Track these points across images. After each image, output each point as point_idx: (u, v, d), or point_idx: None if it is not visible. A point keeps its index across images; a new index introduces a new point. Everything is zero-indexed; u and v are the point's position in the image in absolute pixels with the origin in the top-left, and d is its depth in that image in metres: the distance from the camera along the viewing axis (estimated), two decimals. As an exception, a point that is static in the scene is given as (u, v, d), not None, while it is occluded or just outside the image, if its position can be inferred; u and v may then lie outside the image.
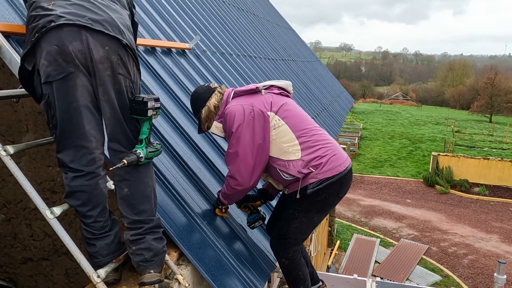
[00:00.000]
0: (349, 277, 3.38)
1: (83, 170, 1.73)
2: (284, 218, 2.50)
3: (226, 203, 2.53)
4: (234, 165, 2.33)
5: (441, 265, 12.85)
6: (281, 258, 2.57)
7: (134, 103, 1.79)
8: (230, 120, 2.32)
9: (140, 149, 1.80)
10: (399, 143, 28.72)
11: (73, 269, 3.77)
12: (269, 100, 2.39)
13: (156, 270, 1.84)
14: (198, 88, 2.57)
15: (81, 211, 1.77)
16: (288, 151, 2.32)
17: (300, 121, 2.40)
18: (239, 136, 2.29)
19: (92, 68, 1.67)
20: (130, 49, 1.78)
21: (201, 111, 2.48)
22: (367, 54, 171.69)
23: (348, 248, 13.51)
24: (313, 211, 2.45)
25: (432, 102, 60.17)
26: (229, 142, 2.34)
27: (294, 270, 2.60)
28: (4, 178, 3.73)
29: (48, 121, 1.74)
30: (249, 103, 2.34)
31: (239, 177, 2.33)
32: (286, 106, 2.40)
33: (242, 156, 2.30)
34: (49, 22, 1.60)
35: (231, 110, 2.33)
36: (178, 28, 4.41)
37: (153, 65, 3.26)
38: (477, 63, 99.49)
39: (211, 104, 2.46)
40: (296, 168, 2.31)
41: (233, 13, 7.71)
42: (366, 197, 18.74)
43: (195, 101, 2.53)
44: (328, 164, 2.33)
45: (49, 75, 1.63)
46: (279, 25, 11.97)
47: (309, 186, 2.32)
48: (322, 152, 2.34)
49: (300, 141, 2.33)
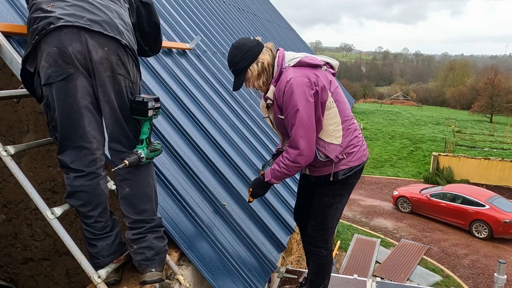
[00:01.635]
0: (350, 277, 3.37)
1: (84, 170, 1.74)
2: (319, 207, 2.50)
3: (278, 183, 2.51)
4: (305, 141, 2.21)
5: (441, 265, 12.84)
6: (321, 249, 2.57)
7: (134, 103, 1.79)
8: (297, 93, 2.17)
9: (141, 149, 1.81)
10: (400, 143, 28.68)
11: (73, 269, 3.77)
12: (329, 78, 2.33)
13: (158, 269, 1.85)
14: (246, 41, 2.32)
15: (82, 211, 1.77)
16: (331, 134, 2.31)
17: (346, 107, 2.39)
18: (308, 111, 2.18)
19: (91, 69, 1.68)
20: (130, 49, 1.78)
21: (251, 67, 2.27)
22: (367, 54, 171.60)
23: (348, 248, 13.49)
24: (345, 194, 2.51)
25: (432, 102, 60.12)
26: (298, 117, 2.18)
27: (329, 263, 2.62)
28: (5, 178, 3.73)
29: (48, 123, 1.75)
30: (315, 76, 2.22)
31: (309, 152, 2.24)
32: (339, 89, 2.37)
33: (311, 131, 2.22)
34: (48, 24, 1.61)
35: (298, 82, 2.18)
36: (179, 28, 4.41)
37: (153, 65, 3.26)
38: (478, 63, 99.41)
39: (265, 61, 2.28)
40: (335, 152, 2.32)
41: (234, 13, 7.71)
42: (366, 197, 18.72)
43: (245, 55, 2.26)
44: (358, 153, 2.40)
45: (49, 77, 1.64)
46: (279, 25, 11.97)
47: (339, 172, 2.37)
48: (356, 141, 2.40)
49: (343, 127, 2.33)
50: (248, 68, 2.28)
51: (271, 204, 3.22)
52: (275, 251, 2.87)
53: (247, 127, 4.05)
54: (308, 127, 2.21)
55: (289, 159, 2.29)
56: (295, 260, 5.02)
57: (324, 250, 2.57)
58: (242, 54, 2.26)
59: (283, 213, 3.28)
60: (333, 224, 2.55)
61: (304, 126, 2.20)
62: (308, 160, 2.28)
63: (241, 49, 2.27)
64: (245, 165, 3.37)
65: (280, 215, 3.21)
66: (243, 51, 2.26)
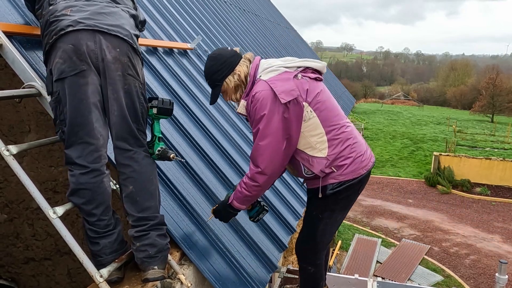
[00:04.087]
0: (351, 277, 3.38)
1: (89, 166, 1.76)
2: (308, 220, 2.35)
3: (243, 208, 2.26)
4: (266, 159, 2.04)
5: (442, 265, 12.82)
6: (308, 265, 2.41)
7: (163, 104, 1.94)
8: (261, 108, 2.01)
9: (162, 145, 1.98)
10: (401, 143, 28.68)
11: (75, 269, 3.78)
12: (305, 87, 2.08)
13: (160, 267, 1.86)
14: (222, 51, 2.19)
15: (85, 209, 1.79)
16: (315, 146, 2.12)
17: (332, 115, 2.16)
18: (272, 128, 2.01)
19: (102, 68, 1.76)
20: (139, 52, 1.90)
21: (227, 79, 2.14)
22: (368, 54, 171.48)
23: (349, 248, 13.48)
24: (337, 210, 2.30)
25: (433, 102, 60.10)
26: (259, 133, 2.05)
27: (316, 281, 2.45)
28: (7, 178, 3.73)
29: (56, 118, 1.78)
30: (284, 89, 2.02)
31: (270, 171, 2.07)
32: (320, 96, 2.12)
33: (275, 150, 2.04)
34: (67, 26, 1.71)
35: (264, 96, 2.01)
36: (180, 28, 4.42)
37: (154, 65, 3.27)
38: (479, 63, 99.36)
39: (242, 72, 2.13)
40: (320, 167, 2.13)
41: (235, 13, 7.71)
42: (367, 197, 18.71)
43: (221, 66, 2.12)
44: (352, 166, 2.16)
45: (63, 72, 1.71)
46: (280, 25, 11.97)
47: (328, 186, 2.16)
48: (348, 152, 2.15)
49: (328, 137, 2.12)
50: (224, 80, 2.15)
51: (272, 204, 3.22)
52: (276, 250, 2.87)
53: (248, 127, 4.05)
54: (271, 145, 2.03)
55: (248, 177, 2.13)
56: (296, 260, 5.02)
57: (311, 267, 2.41)
58: (218, 65, 2.14)
59: (284, 213, 3.28)
60: (323, 239, 2.36)
61: (267, 144, 2.03)
62: (269, 181, 2.12)
63: (216, 60, 2.15)
64: (247, 165, 3.37)
65: (281, 214, 3.21)
66: (219, 62, 2.14)
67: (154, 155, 1.96)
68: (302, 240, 2.41)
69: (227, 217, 2.31)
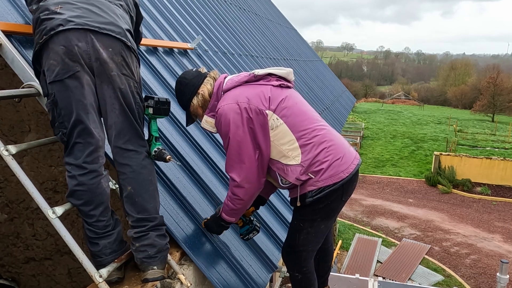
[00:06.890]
0: (351, 277, 3.37)
1: (87, 168, 1.75)
2: (290, 230, 2.32)
3: (233, 221, 2.25)
4: (240, 172, 2.06)
5: (443, 265, 12.81)
6: (295, 273, 2.37)
7: (159, 103, 1.90)
8: (225, 122, 2.04)
9: (159, 145, 1.96)
10: (401, 142, 28.67)
11: (75, 269, 3.78)
12: (267, 94, 2.08)
13: (159, 267, 1.86)
14: (186, 74, 2.22)
15: (83, 210, 1.78)
16: (287, 155, 2.08)
17: (301, 119, 2.11)
18: (239, 140, 2.02)
19: (96, 68, 1.73)
20: (133, 50, 1.85)
21: (192, 101, 2.16)
22: (369, 53, 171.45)
23: (350, 248, 13.47)
24: (318, 219, 2.21)
25: (434, 102, 60.09)
26: (229, 147, 2.07)
27: (307, 286, 2.40)
28: (7, 178, 3.73)
29: (53, 120, 1.77)
30: (245, 99, 2.04)
31: (247, 184, 2.08)
32: (285, 102, 2.09)
33: (247, 162, 2.05)
34: (57, 26, 1.67)
35: (226, 110, 2.04)
36: (180, 28, 4.42)
37: (155, 65, 3.26)
38: (479, 62, 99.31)
39: (205, 92, 2.15)
40: (295, 175, 2.08)
41: (235, 13, 7.70)
42: (368, 196, 18.70)
43: (184, 89, 2.17)
44: (330, 171, 2.07)
45: (57, 74, 1.68)
46: (280, 24, 11.96)
47: (307, 194, 2.09)
48: (324, 156, 2.07)
49: (300, 143, 2.07)
50: (191, 102, 2.17)
51: (273, 203, 3.22)
52: (277, 250, 2.86)
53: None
54: (240, 157, 2.03)
55: (230, 190, 2.15)
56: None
57: (298, 274, 2.35)
58: (182, 89, 2.18)
59: (285, 212, 3.27)
60: (307, 248, 2.29)
61: (236, 157, 2.04)
62: (249, 193, 2.10)
63: (181, 83, 2.19)
64: (247, 164, 3.37)
65: (282, 214, 3.21)
66: (183, 85, 2.18)
67: (150, 155, 1.95)
68: (285, 249, 2.38)
69: (219, 230, 2.32)
